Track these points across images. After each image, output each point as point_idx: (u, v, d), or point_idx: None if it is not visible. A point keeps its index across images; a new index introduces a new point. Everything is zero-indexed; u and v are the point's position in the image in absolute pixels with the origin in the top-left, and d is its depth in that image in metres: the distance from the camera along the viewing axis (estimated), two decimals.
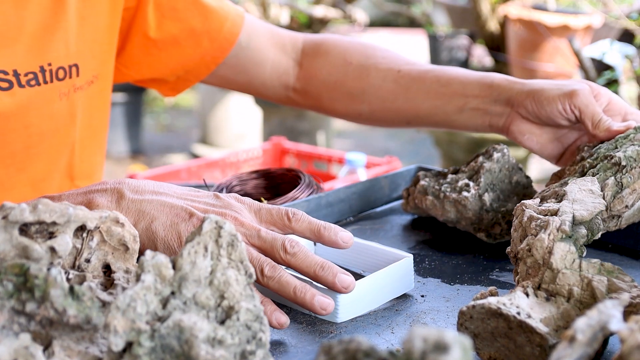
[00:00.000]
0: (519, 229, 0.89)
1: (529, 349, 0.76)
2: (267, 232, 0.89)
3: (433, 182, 1.14)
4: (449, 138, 3.16)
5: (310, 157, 2.19)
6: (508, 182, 1.12)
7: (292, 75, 1.37)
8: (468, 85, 1.20)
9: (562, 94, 1.08)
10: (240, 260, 0.74)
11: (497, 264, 1.05)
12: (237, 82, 1.38)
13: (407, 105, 1.27)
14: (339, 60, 1.33)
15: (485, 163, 1.11)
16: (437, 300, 0.95)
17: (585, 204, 0.89)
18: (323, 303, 0.85)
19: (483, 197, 1.08)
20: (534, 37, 2.93)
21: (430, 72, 1.25)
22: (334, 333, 0.87)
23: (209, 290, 0.72)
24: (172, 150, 5.05)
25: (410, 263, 0.96)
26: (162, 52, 1.26)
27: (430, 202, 1.12)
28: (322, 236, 0.91)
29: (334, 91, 1.34)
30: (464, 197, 1.08)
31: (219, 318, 0.72)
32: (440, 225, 1.17)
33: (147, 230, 0.90)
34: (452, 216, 1.10)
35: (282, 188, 1.23)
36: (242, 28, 1.30)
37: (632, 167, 0.93)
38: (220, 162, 2.13)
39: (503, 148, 1.12)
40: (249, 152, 2.19)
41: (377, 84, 1.29)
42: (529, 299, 0.81)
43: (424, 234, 1.15)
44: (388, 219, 1.20)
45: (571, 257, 0.84)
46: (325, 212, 1.15)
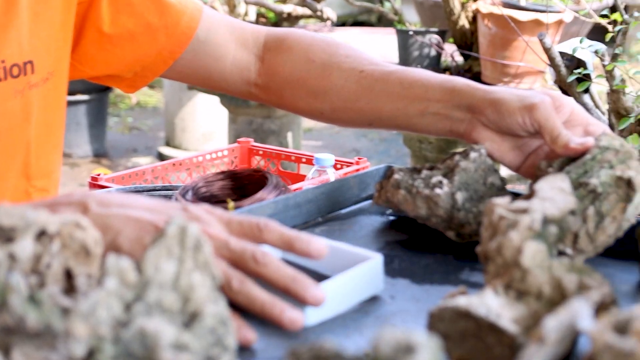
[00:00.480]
0: (489, 228, 0.90)
1: (499, 349, 0.77)
2: (237, 243, 0.88)
3: (407, 177, 1.14)
4: (420, 137, 3.17)
5: (279, 157, 2.18)
6: (482, 183, 1.12)
7: (253, 71, 1.37)
8: (430, 89, 1.21)
9: (522, 106, 1.09)
10: (205, 263, 0.74)
11: (467, 264, 1.05)
12: (196, 77, 1.38)
13: (369, 106, 1.28)
14: (302, 57, 1.33)
15: (461, 162, 1.11)
16: (406, 301, 0.95)
17: (556, 202, 0.90)
18: (292, 318, 0.85)
19: (455, 195, 1.08)
20: (505, 33, 2.94)
21: (393, 74, 1.26)
22: (301, 337, 0.87)
23: (174, 294, 0.72)
24: (138, 151, 5.03)
25: (379, 263, 0.96)
26: (117, 47, 1.26)
27: (402, 196, 1.12)
28: (294, 247, 0.90)
29: (295, 88, 1.34)
30: (436, 194, 1.08)
31: (184, 322, 0.72)
32: (410, 226, 1.17)
33: (112, 244, 0.89)
34: (422, 212, 1.10)
35: (249, 189, 1.23)
36: (200, 22, 1.30)
37: (608, 194, 0.93)
38: (187, 163, 2.12)
39: (480, 148, 1.13)
40: (216, 152, 2.18)
41: (340, 83, 1.29)
42: (499, 299, 0.81)
43: (394, 234, 1.15)
44: (357, 220, 1.21)
45: (541, 256, 0.84)
46: (293, 213, 1.15)
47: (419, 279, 1.01)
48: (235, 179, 1.25)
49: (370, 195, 1.26)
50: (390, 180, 1.15)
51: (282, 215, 1.13)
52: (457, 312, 0.79)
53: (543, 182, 0.93)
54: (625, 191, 0.92)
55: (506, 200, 0.93)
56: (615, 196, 0.92)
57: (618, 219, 0.92)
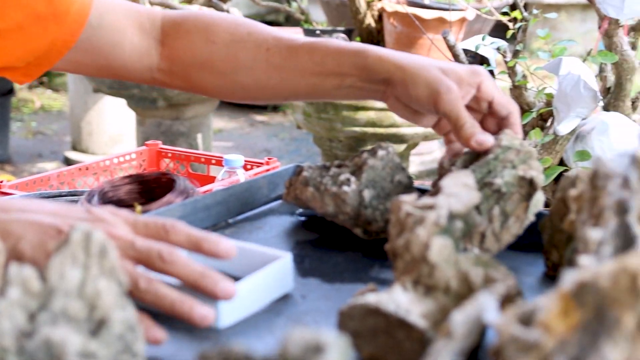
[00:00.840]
0: (397, 225, 0.91)
1: (409, 344, 0.78)
2: (143, 243, 0.87)
3: (315, 175, 1.14)
4: (330, 136, 3.19)
5: (188, 159, 2.17)
6: (390, 181, 1.13)
7: (155, 55, 1.33)
8: (343, 65, 1.20)
9: (429, 93, 1.09)
10: (111, 269, 0.73)
11: (377, 261, 1.06)
12: (95, 66, 1.35)
13: (283, 84, 1.27)
14: (202, 40, 1.31)
15: (369, 160, 1.12)
16: (318, 300, 0.95)
17: (461, 197, 0.91)
18: (203, 314, 0.84)
19: (363, 193, 1.09)
20: (410, 31, 2.98)
21: (301, 49, 1.24)
22: (212, 339, 0.86)
23: (80, 302, 0.71)
24: (43, 156, 4.93)
25: (289, 263, 0.96)
26: (6, 40, 1.22)
27: (310, 194, 1.13)
28: (202, 248, 0.89)
29: (202, 71, 1.32)
30: (343, 191, 1.09)
31: (91, 330, 0.70)
32: (320, 225, 1.18)
33: (14, 250, 0.87)
34: (330, 210, 1.11)
35: (157, 192, 1.22)
36: (91, 8, 1.26)
37: (512, 193, 0.94)
38: (94, 168, 2.09)
39: (388, 147, 1.13)
40: (124, 156, 2.15)
41: (248, 64, 1.28)
42: (408, 295, 0.82)
43: (304, 234, 1.16)
44: (267, 220, 1.20)
45: (448, 251, 0.85)
46: (202, 215, 1.14)
47: (330, 277, 1.01)
48: (142, 182, 1.23)
49: (280, 195, 1.26)
50: (299, 177, 1.16)
51: (190, 217, 1.12)
52: (367, 309, 0.79)
53: (448, 178, 0.94)
54: (527, 190, 0.94)
55: (412, 197, 0.94)
56: (518, 196, 0.94)
57: (521, 218, 0.94)
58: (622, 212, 0.80)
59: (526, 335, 0.61)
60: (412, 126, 3.11)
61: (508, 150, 0.98)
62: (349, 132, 3.13)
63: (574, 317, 0.60)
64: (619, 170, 0.85)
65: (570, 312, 0.60)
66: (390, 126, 3.08)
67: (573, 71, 1.92)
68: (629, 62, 1.99)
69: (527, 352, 0.60)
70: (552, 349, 0.59)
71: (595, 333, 0.58)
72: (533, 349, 0.60)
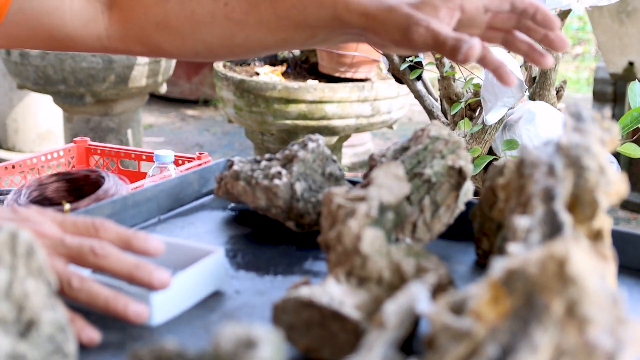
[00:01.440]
0: (328, 217, 0.91)
1: (344, 336, 0.78)
2: (73, 239, 0.85)
3: (247, 168, 1.13)
4: (262, 129, 3.18)
5: (118, 155, 2.14)
6: (321, 173, 1.13)
7: (103, 21, 1.24)
8: (309, 17, 1.13)
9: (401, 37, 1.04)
10: (39, 269, 0.72)
11: (310, 253, 1.06)
12: (35, 39, 1.26)
13: (249, 41, 1.21)
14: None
15: (299, 152, 1.12)
16: (251, 294, 0.95)
17: (391, 188, 0.91)
18: (138, 311, 0.83)
19: (294, 186, 1.09)
20: None
21: (262, 2, 1.16)
22: (144, 337, 0.85)
23: (7, 303, 0.69)
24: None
25: (222, 257, 0.96)
26: None
27: (241, 188, 1.12)
28: (132, 245, 0.88)
29: (158, 33, 1.23)
30: (275, 184, 1.09)
31: (19, 332, 0.69)
32: (252, 219, 1.17)
33: None
34: (262, 203, 1.10)
35: (86, 190, 1.20)
36: None
37: (442, 183, 0.95)
38: (20, 166, 2.05)
39: (318, 139, 1.13)
40: (51, 153, 2.11)
41: (207, 21, 1.20)
42: (341, 287, 0.82)
43: (237, 228, 1.15)
44: (199, 215, 1.20)
45: (380, 242, 0.86)
46: (132, 212, 1.13)
47: (263, 271, 1.01)
48: (70, 180, 1.21)
49: (212, 190, 1.25)
50: (230, 172, 1.15)
51: (120, 215, 1.10)
52: (300, 302, 0.79)
53: (378, 170, 0.95)
54: (457, 180, 0.95)
55: (344, 189, 0.94)
56: (448, 185, 0.95)
57: (452, 207, 0.94)
58: (548, 199, 0.81)
59: (458, 324, 0.61)
60: (343, 118, 3.12)
61: (437, 140, 0.98)
62: (281, 125, 3.12)
63: (504, 305, 0.61)
64: (544, 158, 0.86)
65: (500, 299, 0.61)
66: (321, 118, 3.09)
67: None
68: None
69: (459, 340, 0.61)
70: (483, 337, 0.60)
71: (525, 320, 0.59)
72: (465, 337, 0.60)
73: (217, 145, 4.81)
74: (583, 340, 0.57)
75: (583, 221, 0.84)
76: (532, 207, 0.82)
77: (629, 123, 1.80)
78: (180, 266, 0.98)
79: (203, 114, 5.43)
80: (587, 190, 0.83)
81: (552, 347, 0.58)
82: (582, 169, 0.83)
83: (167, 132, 5.08)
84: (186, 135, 5.03)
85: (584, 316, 0.58)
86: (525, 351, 0.58)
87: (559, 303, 0.59)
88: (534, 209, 0.81)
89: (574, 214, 0.84)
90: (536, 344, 0.58)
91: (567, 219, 0.80)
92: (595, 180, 0.83)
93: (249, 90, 3.04)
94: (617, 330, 0.57)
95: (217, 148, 4.70)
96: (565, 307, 0.58)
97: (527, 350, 0.58)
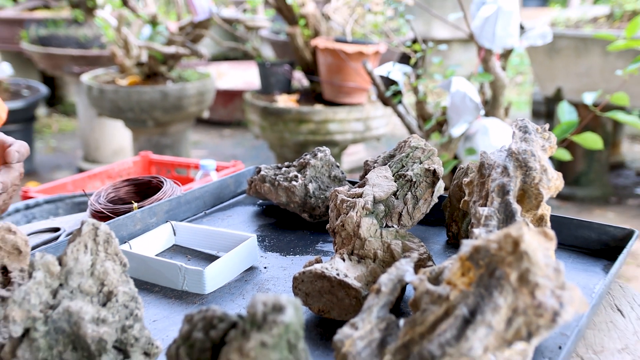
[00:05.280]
0: (334, 210, 0.90)
1: (348, 300, 0.77)
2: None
3: (271, 173, 1.13)
4: (280, 143, 3.17)
5: (172, 165, 2.14)
6: (327, 176, 1.12)
7: None
8: None
9: None
10: (115, 253, 0.71)
11: (320, 237, 1.05)
12: None
13: None
14: None
15: (311, 160, 1.11)
16: (276, 270, 0.94)
17: (382, 187, 0.90)
18: None
19: (307, 186, 1.08)
20: (338, 62, 2.97)
21: None
22: (197, 303, 0.85)
23: (91, 279, 0.69)
24: (60, 167, 4.82)
25: (254, 242, 0.95)
26: None
27: (267, 188, 1.11)
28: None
29: None
30: (293, 185, 1.08)
31: (101, 301, 0.68)
32: (276, 212, 1.17)
33: None
34: (283, 200, 1.10)
35: (149, 192, 1.19)
36: None
37: (420, 182, 0.94)
38: (100, 174, 2.05)
39: (325, 150, 1.13)
40: (123, 165, 2.11)
41: None
42: (345, 263, 0.82)
43: (264, 219, 1.14)
44: (235, 210, 1.19)
45: (374, 228, 0.85)
46: (184, 208, 1.12)
47: (285, 252, 1.00)
48: (137, 184, 1.20)
49: (244, 190, 1.24)
50: (258, 176, 1.14)
51: (175, 211, 1.10)
52: (315, 275, 0.78)
53: (371, 172, 0.94)
54: (432, 179, 0.94)
55: (346, 188, 0.93)
56: (425, 184, 0.94)
57: (428, 200, 0.94)
58: (503, 193, 0.81)
59: (436, 290, 0.60)
60: (342, 134, 3.11)
61: (416, 149, 0.98)
62: (295, 139, 3.12)
63: (471, 275, 0.60)
64: (499, 161, 0.85)
65: (468, 271, 0.60)
66: (326, 134, 3.08)
67: (460, 88, 1.93)
68: (500, 81, 2.01)
69: (437, 303, 0.60)
70: (456, 300, 0.59)
71: (488, 286, 0.58)
72: (442, 301, 0.60)
73: (248, 156, 4.80)
74: (533, 301, 0.56)
75: (530, 210, 0.84)
76: (491, 200, 0.81)
77: (559, 134, 1.80)
78: (223, 249, 0.97)
79: (236, 133, 5.42)
80: (532, 186, 0.82)
81: (510, 307, 0.57)
82: (529, 169, 0.83)
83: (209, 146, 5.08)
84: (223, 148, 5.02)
85: (534, 283, 0.57)
86: (489, 311, 0.57)
87: (514, 273, 0.58)
88: (492, 201, 0.80)
89: (523, 204, 0.83)
90: (497, 305, 0.57)
91: (517, 208, 0.79)
92: (539, 178, 0.82)
93: (270, 113, 3.03)
94: (559, 293, 0.57)
95: (248, 158, 4.69)
96: (519, 276, 0.58)
97: (490, 310, 0.57)
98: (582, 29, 3.38)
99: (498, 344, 0.57)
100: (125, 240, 0.97)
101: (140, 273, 0.90)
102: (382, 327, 0.62)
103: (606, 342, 0.77)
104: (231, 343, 0.52)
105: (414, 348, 0.58)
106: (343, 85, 3.05)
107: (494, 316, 0.56)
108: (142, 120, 3.48)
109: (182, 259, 0.97)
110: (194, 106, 3.52)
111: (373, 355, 0.59)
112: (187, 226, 1.01)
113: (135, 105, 3.39)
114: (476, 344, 0.56)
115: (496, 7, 1.91)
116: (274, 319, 0.51)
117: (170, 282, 0.88)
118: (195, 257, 0.98)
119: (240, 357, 0.51)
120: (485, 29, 1.93)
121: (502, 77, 2.00)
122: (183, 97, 3.42)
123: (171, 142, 3.66)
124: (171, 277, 0.88)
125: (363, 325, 0.61)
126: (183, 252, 1.00)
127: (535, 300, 0.56)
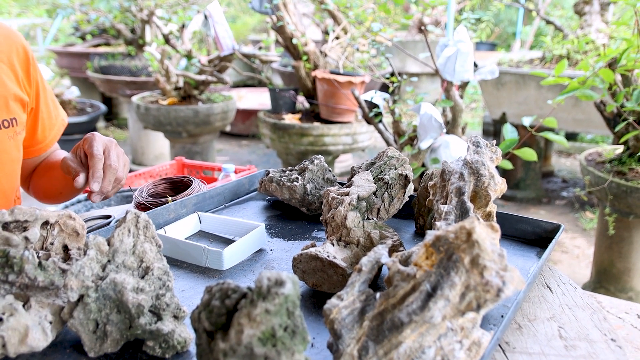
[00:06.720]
0: (327, 205, 0.89)
1: (336, 277, 0.76)
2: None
3: (277, 175, 1.12)
4: (286, 151, 3.16)
5: (201, 168, 2.13)
6: (322, 178, 1.11)
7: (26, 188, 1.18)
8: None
9: None
10: (152, 236, 0.70)
11: (315, 227, 1.04)
12: None
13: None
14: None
15: (309, 165, 1.10)
16: (280, 252, 0.93)
17: (364, 187, 0.90)
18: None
19: (306, 185, 1.07)
20: (332, 89, 2.97)
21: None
22: (217, 277, 0.84)
23: (133, 257, 0.68)
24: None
25: (263, 229, 0.94)
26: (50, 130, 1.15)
27: (274, 187, 1.10)
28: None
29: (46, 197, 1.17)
30: (294, 185, 1.07)
31: (140, 275, 0.67)
32: (280, 206, 1.16)
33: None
34: (286, 197, 1.09)
35: (182, 189, 1.18)
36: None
37: (395, 184, 0.94)
38: (145, 174, 2.03)
39: (320, 157, 1.12)
40: (162, 167, 2.10)
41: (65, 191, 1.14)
42: (334, 247, 0.81)
43: (272, 211, 1.13)
44: (249, 204, 1.18)
45: (358, 220, 0.84)
46: (209, 201, 1.11)
47: (287, 238, 0.99)
48: (172, 182, 1.19)
49: (256, 188, 1.23)
50: (267, 177, 1.13)
51: (202, 204, 1.09)
52: (310, 256, 0.77)
53: (356, 176, 0.93)
54: (404, 182, 0.94)
55: (336, 188, 0.92)
56: (398, 185, 0.93)
57: (401, 199, 0.93)
58: (460, 194, 0.80)
59: (405, 270, 0.60)
60: (335, 145, 3.10)
61: (392, 158, 0.97)
62: (298, 149, 3.11)
63: (433, 259, 0.59)
64: (457, 169, 0.84)
65: (431, 255, 0.59)
66: (322, 145, 3.07)
67: (428, 111, 1.93)
68: (459, 106, 2.00)
69: (406, 280, 0.59)
70: (420, 278, 0.58)
71: (446, 268, 0.57)
72: (410, 278, 0.59)
73: (260, 162, 4.79)
74: (482, 280, 0.56)
75: (480, 207, 0.83)
76: (450, 199, 0.80)
77: (504, 149, 1.79)
78: (239, 234, 0.96)
79: (251, 143, 5.41)
80: (482, 189, 0.82)
81: (463, 284, 0.56)
82: (480, 175, 0.82)
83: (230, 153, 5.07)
84: (241, 155, 5.01)
85: (483, 265, 0.56)
86: (447, 287, 0.56)
87: (467, 257, 0.57)
88: (451, 200, 0.80)
89: (475, 203, 0.83)
90: (454, 282, 0.56)
91: (470, 206, 0.78)
92: (487, 182, 0.82)
93: (279, 128, 3.03)
94: (502, 274, 0.56)
95: (260, 163, 4.68)
96: (471, 259, 0.57)
97: (448, 286, 0.56)
98: (521, 67, 3.39)
99: (454, 313, 0.56)
100: (161, 226, 0.96)
101: (172, 252, 0.89)
102: (363, 299, 0.61)
103: (538, 312, 0.76)
104: (242, 310, 0.52)
105: (387, 315, 0.58)
106: (336, 107, 3.05)
107: (451, 291, 0.56)
108: (178, 132, 3.48)
109: (205, 242, 0.96)
110: (219, 122, 3.52)
111: (355, 321, 0.59)
112: (210, 216, 1.00)
113: (173, 120, 3.38)
114: (436, 313, 0.55)
115: (456, 49, 1.91)
116: (276, 291, 0.50)
117: (196, 260, 0.87)
118: (216, 241, 0.97)
119: (249, 321, 0.50)
120: (447, 66, 1.93)
121: (460, 103, 2.00)
122: (210, 114, 3.42)
123: (200, 150, 3.65)
124: (196, 256, 0.87)
125: (347, 297, 0.60)
126: (207, 236, 0.99)
127: (483, 279, 0.55)
